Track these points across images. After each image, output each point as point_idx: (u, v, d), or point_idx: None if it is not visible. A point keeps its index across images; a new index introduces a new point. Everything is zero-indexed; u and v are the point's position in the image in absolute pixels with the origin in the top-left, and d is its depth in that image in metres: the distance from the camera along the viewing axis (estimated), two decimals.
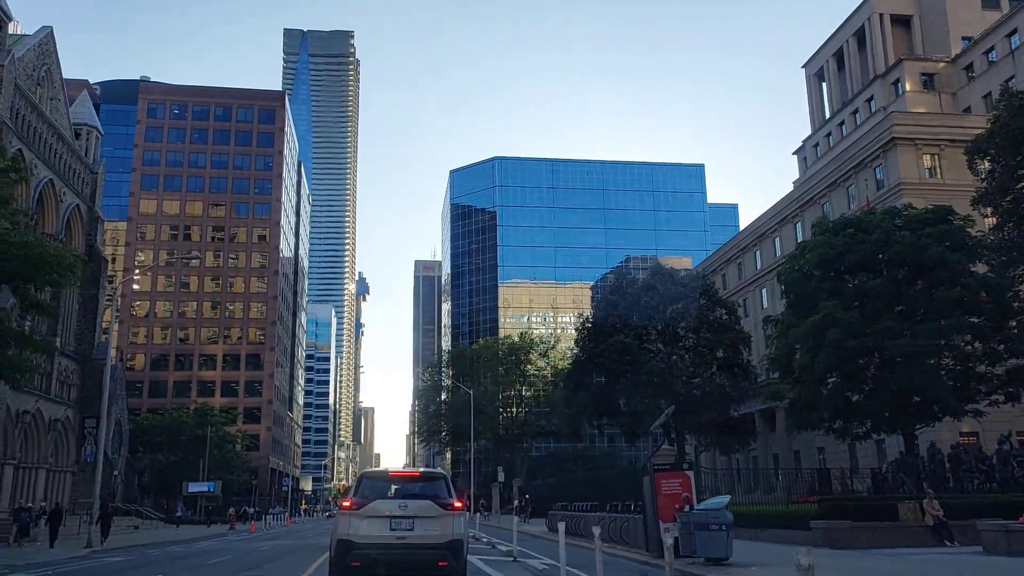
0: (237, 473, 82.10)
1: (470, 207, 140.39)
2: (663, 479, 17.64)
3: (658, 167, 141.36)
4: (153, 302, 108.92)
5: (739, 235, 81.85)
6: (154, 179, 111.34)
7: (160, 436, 79.07)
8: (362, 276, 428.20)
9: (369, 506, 13.10)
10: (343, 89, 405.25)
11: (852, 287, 34.97)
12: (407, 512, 13.01)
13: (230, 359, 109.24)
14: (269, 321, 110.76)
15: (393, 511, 13.03)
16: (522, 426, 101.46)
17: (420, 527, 12.95)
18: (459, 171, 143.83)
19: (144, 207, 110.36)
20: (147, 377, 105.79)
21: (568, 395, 64.66)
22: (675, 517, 17.22)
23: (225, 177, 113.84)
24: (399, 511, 13.02)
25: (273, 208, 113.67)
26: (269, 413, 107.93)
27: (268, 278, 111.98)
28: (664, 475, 17.72)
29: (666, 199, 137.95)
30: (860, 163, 60.62)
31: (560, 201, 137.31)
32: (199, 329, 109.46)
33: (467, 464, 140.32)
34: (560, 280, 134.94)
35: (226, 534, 43.42)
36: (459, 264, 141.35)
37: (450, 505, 13.42)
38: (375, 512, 13.01)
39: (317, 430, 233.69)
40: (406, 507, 13.07)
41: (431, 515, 13.08)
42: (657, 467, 18.29)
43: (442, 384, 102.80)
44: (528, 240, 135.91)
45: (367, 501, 13.22)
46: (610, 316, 64.87)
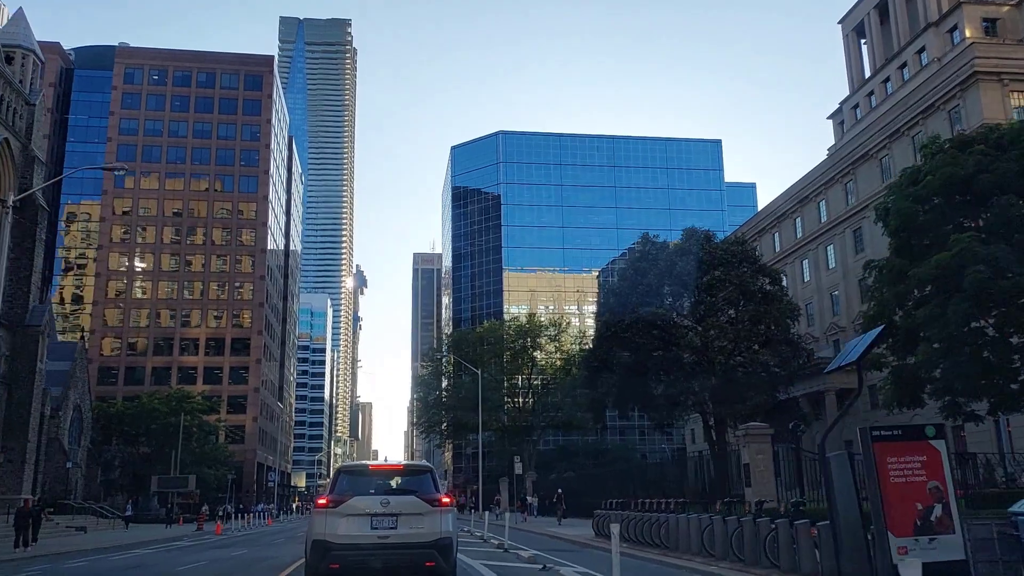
0: (216, 467, 73.66)
1: (472, 186, 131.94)
2: (893, 456, 9.01)
3: (672, 142, 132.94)
4: (130, 282, 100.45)
5: (775, 202, 73.60)
6: (131, 149, 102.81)
7: (129, 425, 70.74)
8: (360, 269, 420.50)
9: (348, 503, 12.04)
10: (340, 78, 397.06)
11: (992, 215, 26.55)
12: (390, 509, 11.97)
13: (214, 344, 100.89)
14: (256, 303, 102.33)
15: (374, 508, 11.97)
16: (530, 417, 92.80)
17: (404, 525, 11.96)
18: (461, 147, 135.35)
19: (120, 179, 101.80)
20: (123, 362, 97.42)
21: (590, 376, 56.35)
22: (914, 526, 8.90)
23: (208, 147, 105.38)
24: (381, 508, 11.96)
25: (261, 181, 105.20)
26: (256, 402, 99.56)
27: (256, 256, 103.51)
28: (893, 447, 9.08)
29: (681, 176, 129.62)
30: (930, 106, 52.35)
31: (568, 179, 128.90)
32: (180, 311, 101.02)
33: (469, 459, 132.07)
34: (568, 263, 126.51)
35: (181, 538, 35.24)
36: (460, 247, 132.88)
37: (437, 501, 12.30)
38: (354, 510, 11.97)
39: (312, 424, 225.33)
40: (388, 503, 12.01)
41: (416, 512, 12.06)
42: (883, 435, 9.31)
43: (443, 371, 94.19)
44: (534, 220, 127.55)
45: (345, 498, 12.12)
46: (638, 285, 56.69)
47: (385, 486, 12.50)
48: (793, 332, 54.97)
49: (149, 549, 27.03)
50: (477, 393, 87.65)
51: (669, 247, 57.09)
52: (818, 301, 65.30)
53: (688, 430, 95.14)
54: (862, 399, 58.44)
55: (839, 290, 63.00)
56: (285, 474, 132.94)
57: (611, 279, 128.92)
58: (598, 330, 56.67)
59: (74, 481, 58.77)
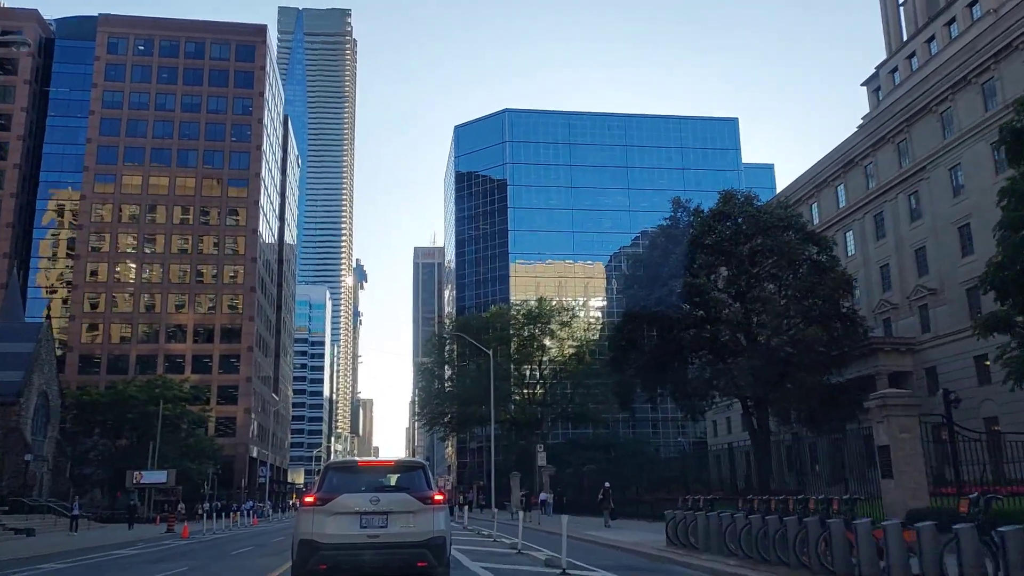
0: (200, 461, 67.23)
1: (477, 167, 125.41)
2: None
3: (687, 121, 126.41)
4: (112, 264, 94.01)
5: (814, 169, 67.16)
6: (115, 123, 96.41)
7: (105, 415, 64.35)
8: (360, 263, 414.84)
9: (336, 501, 11.36)
10: (339, 69, 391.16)
11: None
12: (380, 507, 11.35)
13: (203, 331, 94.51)
14: (247, 287, 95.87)
15: (364, 506, 11.34)
16: (540, 409, 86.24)
17: (395, 523, 11.35)
18: (465, 127, 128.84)
19: (104, 155, 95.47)
20: (105, 350, 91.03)
21: (616, 357, 50.02)
22: None
23: (197, 122, 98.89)
24: (371, 506, 11.34)
25: (253, 158, 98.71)
26: (248, 392, 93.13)
27: (247, 237, 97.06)
28: None
29: (696, 156, 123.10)
30: (1007, 47, 45.87)
31: (578, 159, 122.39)
32: (166, 295, 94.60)
33: (474, 453, 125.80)
34: (578, 248, 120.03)
35: (135, 543, 29.12)
36: (464, 232, 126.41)
37: (429, 498, 11.62)
38: (343, 508, 11.32)
39: (311, 419, 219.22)
40: (379, 501, 11.39)
41: (408, 510, 11.43)
42: None
43: (446, 359, 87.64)
44: (542, 202, 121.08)
45: (333, 495, 11.44)
46: (670, 255, 50.36)
47: (375, 483, 12.03)
48: (849, 305, 48.59)
49: (66, 562, 20.67)
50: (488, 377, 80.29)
51: (704, 213, 50.67)
52: (865, 276, 58.83)
53: (710, 422, 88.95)
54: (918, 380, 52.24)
55: (891, 262, 56.60)
56: (281, 470, 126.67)
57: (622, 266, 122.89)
58: (626, 306, 50.19)
59: (37, 476, 52.54)
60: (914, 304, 53.92)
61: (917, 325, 53.40)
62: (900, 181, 55.14)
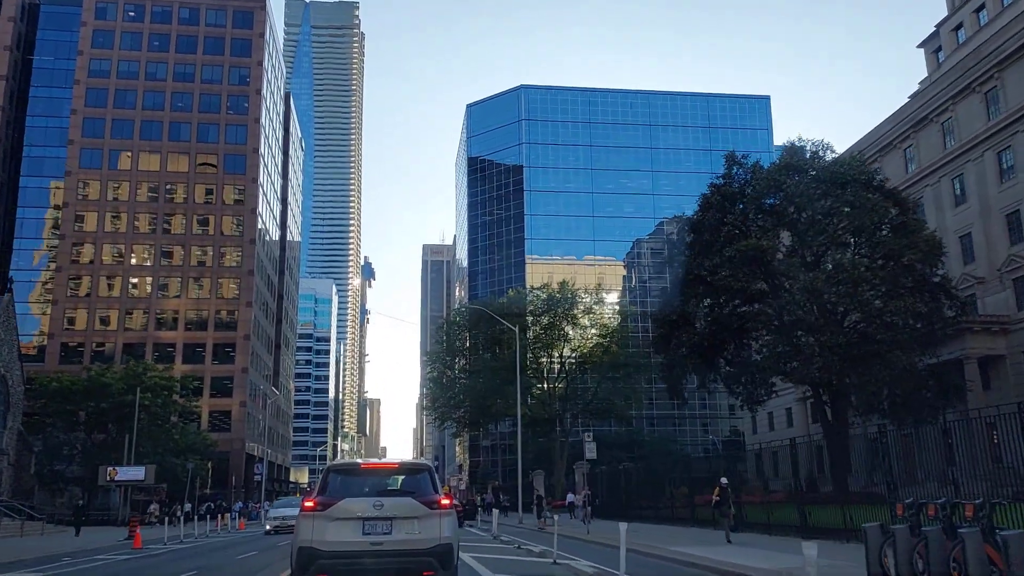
0: (184, 456, 59.89)
1: (491, 149, 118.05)
2: None
3: (715, 99, 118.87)
4: (99, 244, 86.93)
5: (880, 129, 59.59)
6: (103, 93, 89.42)
7: (76, 405, 57.13)
8: (367, 261, 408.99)
9: (337, 506, 10.83)
10: (347, 63, 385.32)
11: None
12: (383, 512, 10.79)
13: (195, 317, 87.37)
14: (245, 271, 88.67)
15: (367, 511, 10.77)
16: (561, 404, 78.71)
17: (400, 530, 10.79)
18: (478, 105, 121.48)
19: (90, 128, 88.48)
20: (90, 338, 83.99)
21: (665, 334, 42.48)
22: None
23: (191, 92, 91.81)
24: (374, 511, 10.77)
25: (250, 132, 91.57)
26: (244, 384, 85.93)
27: (244, 218, 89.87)
28: None
29: (725, 137, 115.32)
30: None
31: (599, 139, 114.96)
32: (156, 279, 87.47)
33: (487, 451, 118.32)
34: (599, 234, 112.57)
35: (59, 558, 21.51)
36: (476, 219, 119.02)
37: (436, 503, 11.09)
38: (344, 513, 10.79)
39: (316, 417, 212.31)
40: (382, 506, 10.81)
41: (413, 515, 10.89)
42: None
43: (458, 348, 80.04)
44: (560, 185, 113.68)
45: (335, 500, 10.91)
46: (726, 215, 42.93)
47: (379, 487, 11.31)
48: (939, 275, 41.03)
49: None
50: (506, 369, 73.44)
51: (765, 170, 43.21)
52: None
53: (750, 418, 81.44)
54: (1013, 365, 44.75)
55: (973, 231, 49.10)
56: (283, 468, 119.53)
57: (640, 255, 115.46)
58: (677, 275, 42.67)
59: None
60: (1006, 277, 46.40)
61: (1011, 301, 45.86)
62: (988, 136, 47.60)
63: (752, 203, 41.54)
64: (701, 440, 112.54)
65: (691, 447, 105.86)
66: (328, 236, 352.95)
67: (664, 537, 23.24)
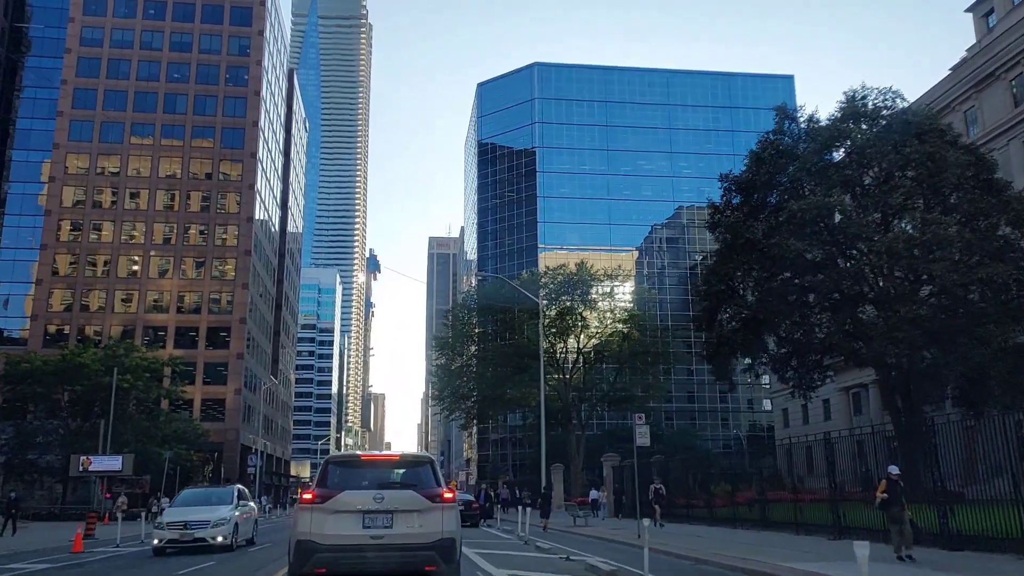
0: (168, 445, 54.67)
1: (502, 129, 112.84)
2: None
3: (737, 78, 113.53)
4: (87, 220, 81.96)
5: (932, 93, 54.19)
6: (95, 63, 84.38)
7: (49, 388, 52.00)
8: (373, 253, 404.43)
9: (336, 498, 10.57)
10: (354, 54, 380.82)
11: None
12: (384, 505, 10.53)
13: (188, 299, 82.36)
14: (242, 250, 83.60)
15: (367, 504, 10.53)
16: (578, 393, 73.51)
17: (401, 523, 10.55)
18: (489, 84, 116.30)
19: (81, 99, 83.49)
20: (75, 320, 79.02)
21: (710, 308, 37.21)
22: None
23: (188, 63, 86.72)
24: (374, 504, 10.52)
25: (250, 104, 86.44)
26: (239, 371, 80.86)
27: (242, 194, 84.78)
28: None
29: (747, 117, 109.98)
30: None
31: (615, 119, 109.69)
32: (147, 257, 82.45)
33: (496, 445, 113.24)
34: (615, 217, 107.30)
35: None
36: (487, 199, 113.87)
37: (438, 496, 10.81)
38: (344, 506, 10.53)
39: (319, 410, 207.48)
40: (383, 499, 10.56)
41: (415, 508, 10.63)
42: None
43: (469, 332, 74.78)
44: (575, 166, 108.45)
45: (334, 492, 10.66)
46: (776, 175, 37.78)
47: (379, 479, 11.06)
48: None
49: None
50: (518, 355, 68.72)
51: (821, 123, 37.90)
52: None
53: (779, 410, 76.33)
54: None
55: None
56: (282, 461, 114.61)
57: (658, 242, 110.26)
58: (722, 243, 37.42)
59: None
60: None
61: None
62: None
63: (810, 159, 36.20)
64: (722, 435, 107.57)
65: (711, 442, 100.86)
66: (333, 228, 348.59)
67: (761, 547, 18.11)
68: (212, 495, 23.39)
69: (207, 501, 22.22)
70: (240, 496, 22.99)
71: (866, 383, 56.80)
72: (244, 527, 22.44)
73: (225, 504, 21.83)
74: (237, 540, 21.51)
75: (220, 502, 21.98)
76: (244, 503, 23.10)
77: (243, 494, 23.64)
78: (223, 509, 21.37)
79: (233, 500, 22.30)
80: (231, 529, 20.93)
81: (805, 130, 38.42)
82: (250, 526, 23.72)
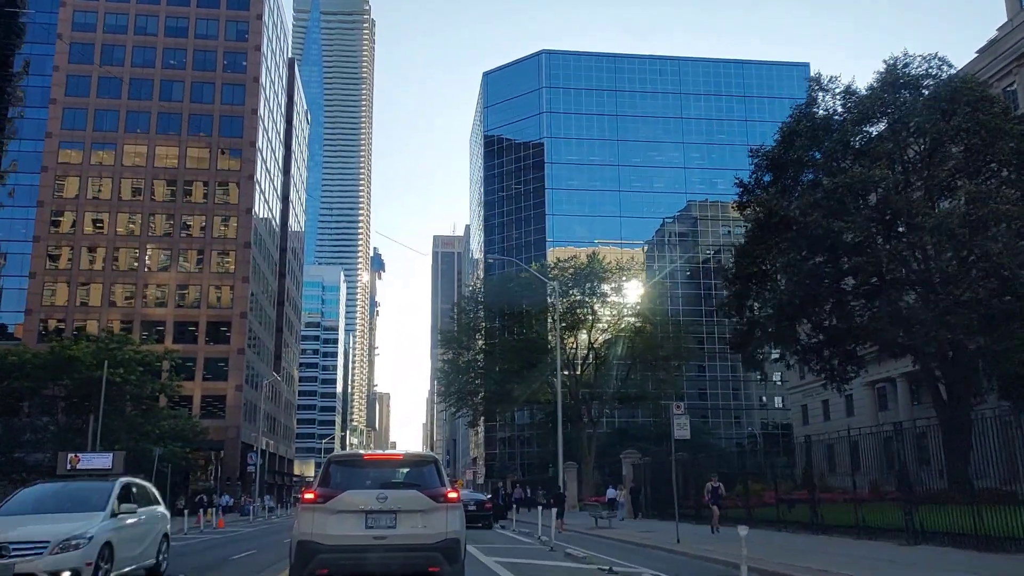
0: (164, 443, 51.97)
1: (509, 120, 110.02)
2: None
3: (751, 66, 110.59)
4: (80, 212, 79.38)
5: (970, 67, 51.22)
6: (88, 49, 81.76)
7: (36, 383, 49.34)
8: (377, 252, 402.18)
9: (338, 498, 10.34)
10: (357, 51, 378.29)
11: None
12: (388, 505, 10.31)
13: (187, 292, 79.74)
14: (241, 242, 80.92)
15: (370, 504, 10.30)
16: (588, 390, 70.55)
17: (405, 523, 10.32)
18: (495, 73, 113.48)
19: (74, 87, 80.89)
20: (71, 315, 76.48)
21: (739, 290, 34.35)
22: None
23: (184, 49, 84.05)
24: (377, 504, 10.29)
25: (248, 91, 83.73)
26: (240, 366, 78.20)
27: (241, 184, 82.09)
28: None
29: (761, 106, 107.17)
30: None
31: (625, 108, 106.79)
32: (143, 250, 79.79)
33: (503, 445, 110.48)
34: (626, 210, 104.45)
35: None
36: (493, 192, 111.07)
37: (442, 495, 10.55)
38: (346, 506, 10.30)
39: (323, 408, 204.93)
40: (386, 499, 10.33)
41: (419, 508, 10.40)
42: None
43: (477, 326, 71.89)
44: (584, 157, 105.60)
45: (336, 492, 10.42)
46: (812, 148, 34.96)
47: (382, 479, 10.91)
48: None
49: None
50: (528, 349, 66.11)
51: (858, 94, 34.97)
52: None
53: (798, 407, 73.39)
54: None
55: None
56: (285, 460, 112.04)
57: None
58: (756, 220, 34.47)
59: None
60: None
61: None
62: None
63: (848, 131, 33.31)
64: (735, 434, 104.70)
65: (724, 441, 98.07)
66: (337, 226, 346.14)
67: (856, 558, 15.26)
68: (74, 495, 14.31)
69: (60, 507, 13.71)
70: (126, 496, 14.38)
71: (894, 377, 53.88)
72: (130, 548, 13.87)
73: (90, 512, 13.29)
74: (117, 570, 13.11)
75: (84, 507, 13.52)
76: (132, 509, 14.38)
77: (133, 494, 14.94)
78: (83, 521, 12.80)
79: (108, 504, 13.59)
80: (92, 553, 12.24)
81: (841, 102, 35.56)
82: (148, 544, 15.01)
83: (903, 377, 54.00)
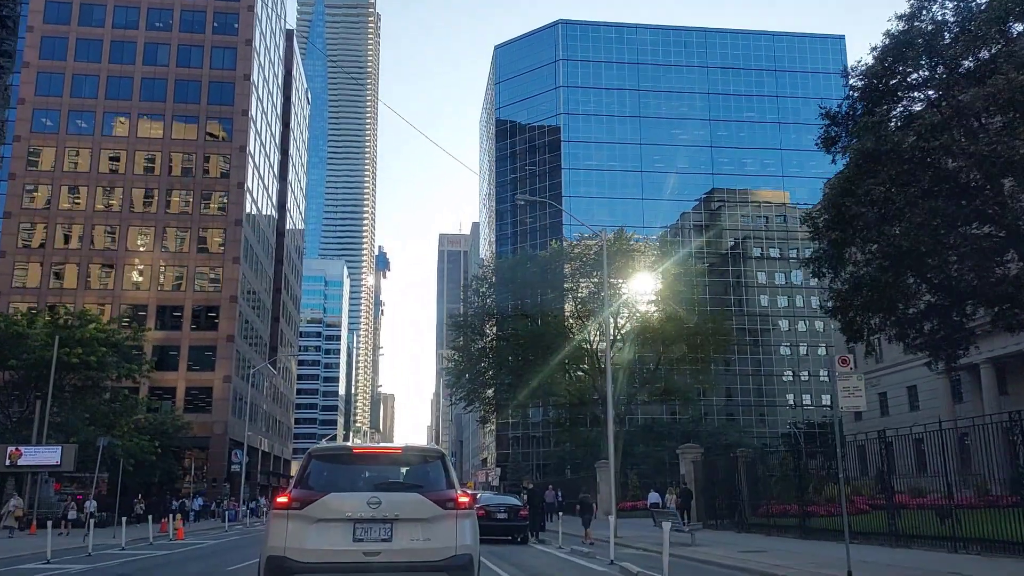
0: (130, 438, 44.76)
1: (523, 96, 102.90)
2: None
3: (782, 38, 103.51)
4: (56, 186, 72.35)
5: None
6: (64, 8, 74.87)
7: None
8: (382, 250, 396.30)
9: (320, 502, 7.95)
10: (362, 46, 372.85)
11: None
12: (381, 512, 7.94)
13: (170, 274, 72.64)
14: (232, 220, 73.79)
15: (359, 510, 7.93)
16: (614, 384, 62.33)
17: (403, 535, 7.94)
18: (508, 46, 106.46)
19: (49, 49, 73.97)
20: (43, 297, 69.33)
21: (836, 239, 26.83)
22: None
23: (170, 8, 77.01)
24: (369, 510, 7.93)
25: (240, 55, 76.64)
26: (229, 355, 71.02)
27: (232, 156, 74.96)
28: None
29: (793, 81, 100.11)
30: None
31: (647, 83, 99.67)
32: (125, 228, 72.69)
33: (515, 445, 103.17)
34: (648, 191, 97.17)
35: None
36: (506, 173, 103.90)
37: (451, 500, 8.17)
38: (330, 512, 7.93)
39: (325, 408, 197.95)
40: (380, 504, 7.96)
41: (420, 516, 8.04)
42: None
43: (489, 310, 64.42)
44: (603, 135, 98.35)
45: (317, 495, 8.00)
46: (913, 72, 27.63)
47: (376, 479, 8.45)
48: None
49: None
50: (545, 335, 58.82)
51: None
52: None
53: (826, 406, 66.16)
54: None
55: None
56: (281, 460, 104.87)
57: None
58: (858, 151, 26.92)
59: None
60: None
61: None
62: None
63: (983, 32, 25.92)
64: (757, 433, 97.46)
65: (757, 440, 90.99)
66: (341, 223, 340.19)
67: None
68: None
69: None
70: None
71: (977, 363, 46.41)
72: None
73: None
74: None
75: None
76: None
77: None
78: None
79: None
80: None
81: (952, 18, 28.00)
82: None
83: (988, 363, 46.72)
